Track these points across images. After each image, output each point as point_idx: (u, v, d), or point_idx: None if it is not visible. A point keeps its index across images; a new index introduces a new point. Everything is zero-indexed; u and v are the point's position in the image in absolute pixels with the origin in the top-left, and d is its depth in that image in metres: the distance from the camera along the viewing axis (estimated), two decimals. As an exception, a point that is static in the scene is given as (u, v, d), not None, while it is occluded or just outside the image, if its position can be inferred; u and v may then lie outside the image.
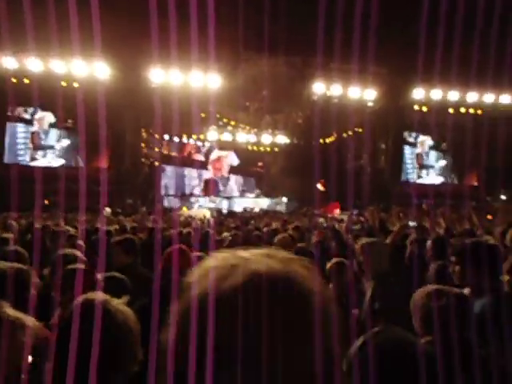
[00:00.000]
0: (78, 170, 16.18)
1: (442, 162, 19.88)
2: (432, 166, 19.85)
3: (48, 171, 15.02)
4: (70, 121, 16.43)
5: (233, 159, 21.73)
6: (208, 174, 21.20)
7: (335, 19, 16.42)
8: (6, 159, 16.07)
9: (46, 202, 14.72)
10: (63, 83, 15.37)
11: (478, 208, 17.20)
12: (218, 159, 21.30)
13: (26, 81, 15.16)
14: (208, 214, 13.51)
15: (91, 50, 14.28)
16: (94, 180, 16.20)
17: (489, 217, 15.36)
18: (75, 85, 15.41)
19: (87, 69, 14.87)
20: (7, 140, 16.15)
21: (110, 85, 15.28)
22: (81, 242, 3.96)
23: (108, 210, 13.71)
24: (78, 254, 2.88)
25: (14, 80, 15.10)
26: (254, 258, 0.50)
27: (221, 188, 21.19)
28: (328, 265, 2.86)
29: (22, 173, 12.99)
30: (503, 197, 19.69)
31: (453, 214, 6.24)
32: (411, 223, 5.28)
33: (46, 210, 11.22)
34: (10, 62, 14.28)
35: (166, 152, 20.18)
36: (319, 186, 20.68)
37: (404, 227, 4.17)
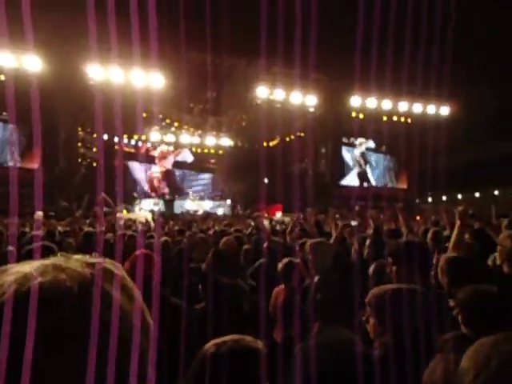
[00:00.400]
0: (9, 170, 14.95)
1: (383, 164, 21.00)
2: (374, 167, 20.90)
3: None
4: (4, 113, 15.13)
5: (187, 156, 21.41)
6: (155, 169, 20.63)
7: (277, 23, 16.78)
8: None
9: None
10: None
11: (407, 209, 18.48)
12: (165, 153, 20.80)
13: None
14: (149, 217, 13.09)
15: (21, 43, 13.30)
16: (27, 181, 15.12)
17: (417, 218, 16.53)
18: (1, 77, 14.23)
19: (16, 62, 13.78)
20: None
21: (42, 79, 14.29)
22: (11, 248, 3.65)
23: (40, 213, 12.78)
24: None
25: None
26: (35, 270, 0.48)
27: (165, 190, 20.68)
28: (279, 265, 2.96)
29: None
30: (430, 199, 21.35)
31: (382, 214, 6.67)
32: (353, 222, 5.53)
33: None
34: None
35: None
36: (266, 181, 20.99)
37: (345, 227, 4.36)
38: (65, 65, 13.99)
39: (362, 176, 20.46)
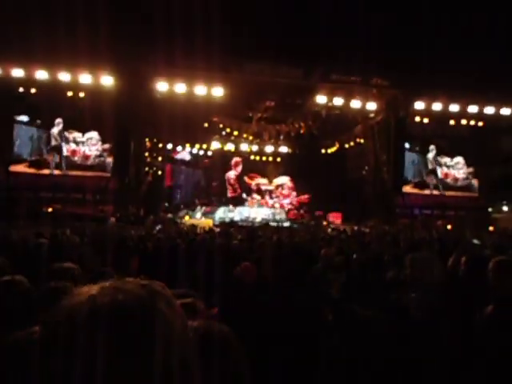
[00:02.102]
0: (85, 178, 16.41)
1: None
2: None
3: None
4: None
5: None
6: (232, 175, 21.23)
7: (337, 31, 16.66)
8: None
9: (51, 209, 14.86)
10: (69, 93, 15.62)
11: (478, 219, 17.25)
12: (238, 161, 21.32)
13: (33, 90, 15.43)
14: (211, 224, 13.58)
15: (97, 62, 14.56)
16: (100, 188, 16.45)
17: (490, 228, 15.37)
18: (81, 95, 15.66)
19: (93, 79, 15.10)
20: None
21: (115, 95, 15.53)
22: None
23: (113, 219, 13.83)
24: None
25: (21, 89, 15.38)
26: (101, 291, 0.55)
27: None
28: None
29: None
30: (505, 208, 19.73)
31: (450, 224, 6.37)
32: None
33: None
34: (17, 73, 14.54)
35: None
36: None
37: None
38: (134, 80, 15.05)
39: (431, 183, 19.39)
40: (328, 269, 3.55)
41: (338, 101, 16.39)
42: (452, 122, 18.49)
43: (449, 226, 16.47)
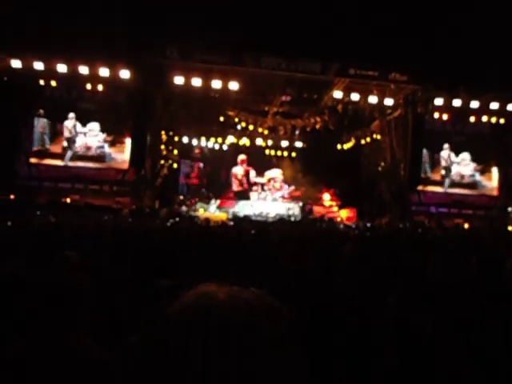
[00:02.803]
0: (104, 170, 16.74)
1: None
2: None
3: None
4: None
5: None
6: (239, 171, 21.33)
7: (353, 25, 16.42)
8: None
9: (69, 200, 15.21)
10: (88, 86, 15.88)
11: (498, 218, 16.89)
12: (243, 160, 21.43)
13: (53, 83, 15.74)
14: (225, 218, 13.67)
15: (115, 55, 14.75)
16: (117, 180, 16.75)
17: (510, 227, 15.04)
18: (99, 87, 15.88)
19: (110, 72, 15.29)
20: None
21: (132, 88, 15.73)
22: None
23: (126, 210, 14.08)
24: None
25: (42, 82, 15.71)
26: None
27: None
28: None
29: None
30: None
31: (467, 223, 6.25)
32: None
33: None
34: (38, 65, 14.83)
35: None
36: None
37: None
38: (151, 74, 15.19)
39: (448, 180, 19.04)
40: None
41: (355, 96, 16.20)
42: (472, 119, 18.08)
43: (466, 225, 16.19)
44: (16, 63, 14.65)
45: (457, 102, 17.01)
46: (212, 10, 15.94)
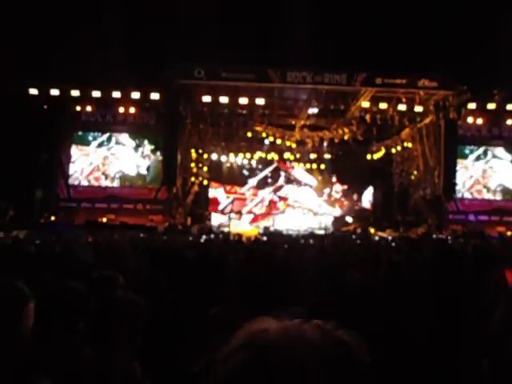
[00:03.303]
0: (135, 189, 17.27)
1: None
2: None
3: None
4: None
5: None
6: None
7: (382, 34, 16.30)
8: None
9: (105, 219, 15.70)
10: (121, 109, 16.54)
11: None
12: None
13: (89, 108, 16.51)
14: (256, 233, 13.67)
15: (146, 79, 15.34)
16: (149, 198, 17.19)
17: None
18: (131, 110, 16.50)
19: (141, 95, 15.87)
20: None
21: (161, 108, 16.27)
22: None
23: (160, 227, 14.38)
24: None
25: (78, 108, 16.53)
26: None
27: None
28: None
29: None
30: None
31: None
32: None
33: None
34: (74, 92, 15.62)
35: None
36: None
37: None
38: (180, 95, 15.64)
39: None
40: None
41: (383, 105, 15.98)
42: (509, 122, 17.40)
43: (509, 233, 15.43)
44: (54, 91, 15.49)
45: (491, 106, 16.44)
46: (235, 29, 16.33)
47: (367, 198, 21.83)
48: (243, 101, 15.68)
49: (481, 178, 18.37)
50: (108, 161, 17.55)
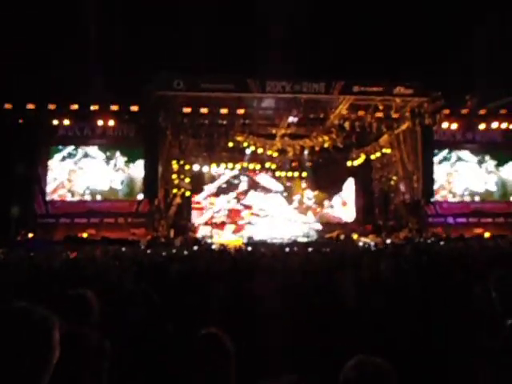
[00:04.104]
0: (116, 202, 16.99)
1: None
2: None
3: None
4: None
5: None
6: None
7: (355, 42, 16.64)
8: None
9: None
10: (99, 122, 16.35)
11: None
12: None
13: (66, 122, 16.26)
14: (241, 243, 13.60)
15: (125, 92, 15.25)
16: (131, 211, 16.89)
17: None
18: (110, 123, 16.32)
19: (120, 108, 15.76)
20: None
21: (141, 121, 16.16)
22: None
23: (143, 241, 14.15)
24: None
25: (56, 122, 16.21)
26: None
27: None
28: None
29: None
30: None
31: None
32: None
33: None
34: (51, 106, 15.34)
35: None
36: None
37: None
38: (159, 107, 15.57)
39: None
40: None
41: (362, 112, 16.29)
42: (482, 127, 17.98)
43: (487, 234, 15.82)
44: (30, 105, 15.18)
45: (464, 111, 16.98)
46: (214, 39, 16.43)
47: (347, 195, 21.74)
48: (223, 111, 15.72)
49: (446, 183, 18.85)
50: (75, 175, 17.03)
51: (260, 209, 21.03)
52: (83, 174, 17.03)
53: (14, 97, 14.94)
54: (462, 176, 18.86)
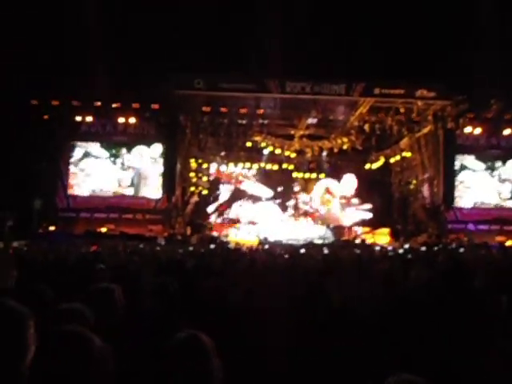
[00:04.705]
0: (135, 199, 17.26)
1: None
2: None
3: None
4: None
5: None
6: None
7: (377, 43, 16.44)
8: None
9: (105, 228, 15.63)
10: (121, 119, 16.63)
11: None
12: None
13: (89, 118, 16.57)
14: (257, 243, 13.62)
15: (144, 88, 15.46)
16: (149, 208, 17.11)
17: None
18: (131, 121, 16.59)
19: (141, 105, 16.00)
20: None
21: (161, 119, 16.40)
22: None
23: (161, 237, 14.33)
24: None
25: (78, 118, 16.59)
26: None
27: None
28: None
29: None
30: None
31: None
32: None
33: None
34: (74, 102, 15.67)
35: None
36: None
37: None
38: (179, 105, 15.73)
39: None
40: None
41: (382, 115, 16.09)
42: (507, 132, 17.51)
43: (510, 242, 15.41)
44: (55, 102, 15.56)
45: (488, 115, 16.57)
46: (234, 40, 16.46)
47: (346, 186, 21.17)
48: (242, 111, 15.78)
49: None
50: (77, 179, 17.24)
51: (249, 221, 19.15)
52: (85, 176, 17.29)
53: (41, 93, 15.34)
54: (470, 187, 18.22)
